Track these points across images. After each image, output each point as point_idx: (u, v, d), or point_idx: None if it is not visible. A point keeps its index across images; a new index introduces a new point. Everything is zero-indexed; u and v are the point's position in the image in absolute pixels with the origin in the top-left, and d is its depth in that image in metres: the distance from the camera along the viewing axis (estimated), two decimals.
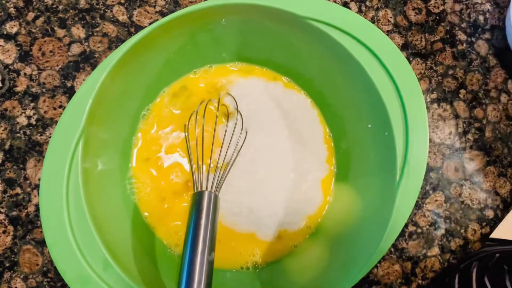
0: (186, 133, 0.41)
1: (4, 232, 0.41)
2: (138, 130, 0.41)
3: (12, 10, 0.45)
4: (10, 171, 0.42)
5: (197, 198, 0.35)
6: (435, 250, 0.45)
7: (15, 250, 0.41)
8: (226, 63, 0.44)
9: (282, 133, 0.43)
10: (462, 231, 0.46)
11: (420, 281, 0.44)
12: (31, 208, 0.41)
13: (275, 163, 0.42)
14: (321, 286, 0.37)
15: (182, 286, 0.31)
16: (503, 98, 0.49)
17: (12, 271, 0.40)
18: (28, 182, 0.42)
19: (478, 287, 0.39)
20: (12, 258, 0.41)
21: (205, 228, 0.34)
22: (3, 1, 0.45)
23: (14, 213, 0.41)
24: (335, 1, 0.49)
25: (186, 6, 0.46)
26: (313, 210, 0.42)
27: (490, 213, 0.47)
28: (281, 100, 0.44)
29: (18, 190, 0.42)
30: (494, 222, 0.46)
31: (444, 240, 0.46)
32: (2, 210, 0.41)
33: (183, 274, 0.32)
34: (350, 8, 0.49)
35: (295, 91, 0.44)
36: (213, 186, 0.38)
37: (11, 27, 0.45)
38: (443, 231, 0.46)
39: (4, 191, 0.42)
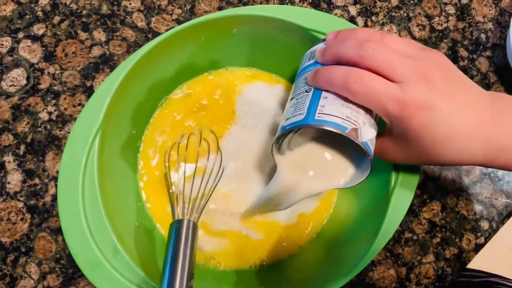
0: (167, 163, 0.42)
1: (22, 219, 0.44)
2: (150, 128, 0.44)
3: (40, 13, 0.48)
4: (30, 163, 0.45)
5: (177, 227, 0.36)
6: (430, 257, 0.47)
7: (31, 236, 0.44)
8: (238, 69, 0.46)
9: None
10: (457, 240, 0.47)
11: (414, 287, 0.46)
12: (47, 198, 0.44)
13: None
14: (314, 284, 0.39)
15: None
16: None
17: (27, 256, 0.43)
18: (46, 173, 0.45)
19: None
20: (28, 244, 0.43)
21: (184, 257, 0.34)
22: (32, 5, 0.48)
23: (32, 202, 0.44)
24: (342, 16, 0.51)
25: (201, 15, 0.48)
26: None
27: (485, 224, 0.48)
28: None
29: (37, 180, 0.45)
30: (489, 233, 0.48)
31: (439, 248, 0.47)
32: (21, 199, 0.44)
33: None
34: (356, 23, 0.51)
35: None
36: (192, 215, 0.38)
37: (38, 29, 0.48)
38: (438, 239, 0.47)
39: (24, 181, 0.44)
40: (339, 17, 0.51)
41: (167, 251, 0.35)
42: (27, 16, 0.48)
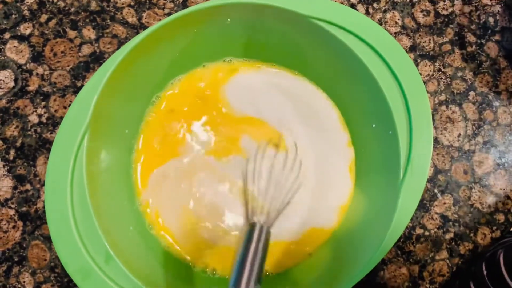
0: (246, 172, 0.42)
1: (13, 227, 0.42)
2: (142, 127, 0.42)
3: (26, 12, 0.46)
4: (20, 168, 0.43)
5: (250, 230, 0.36)
6: (444, 254, 0.45)
7: (24, 245, 0.42)
8: (231, 62, 0.44)
9: (300, 124, 0.44)
10: (472, 235, 0.45)
11: (427, 285, 0.44)
12: (40, 204, 0.42)
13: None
14: (324, 284, 0.36)
15: None
16: None
17: (20, 266, 0.41)
18: (37, 179, 0.43)
19: (508, 272, 0.38)
20: (21, 253, 0.42)
21: (253, 260, 0.34)
22: (18, 4, 0.46)
23: (24, 209, 0.42)
24: (342, 3, 0.49)
25: None
26: (343, 200, 0.42)
27: (500, 217, 0.46)
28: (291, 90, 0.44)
29: (28, 186, 0.43)
30: (505, 226, 0.46)
31: (453, 243, 0.45)
32: (12, 206, 0.42)
33: None
34: (357, 10, 0.49)
35: (305, 81, 0.44)
36: (267, 219, 0.39)
37: (25, 28, 0.46)
38: (451, 235, 0.45)
39: (15, 187, 0.43)
40: None
41: (237, 255, 0.35)
42: (13, 16, 0.46)
